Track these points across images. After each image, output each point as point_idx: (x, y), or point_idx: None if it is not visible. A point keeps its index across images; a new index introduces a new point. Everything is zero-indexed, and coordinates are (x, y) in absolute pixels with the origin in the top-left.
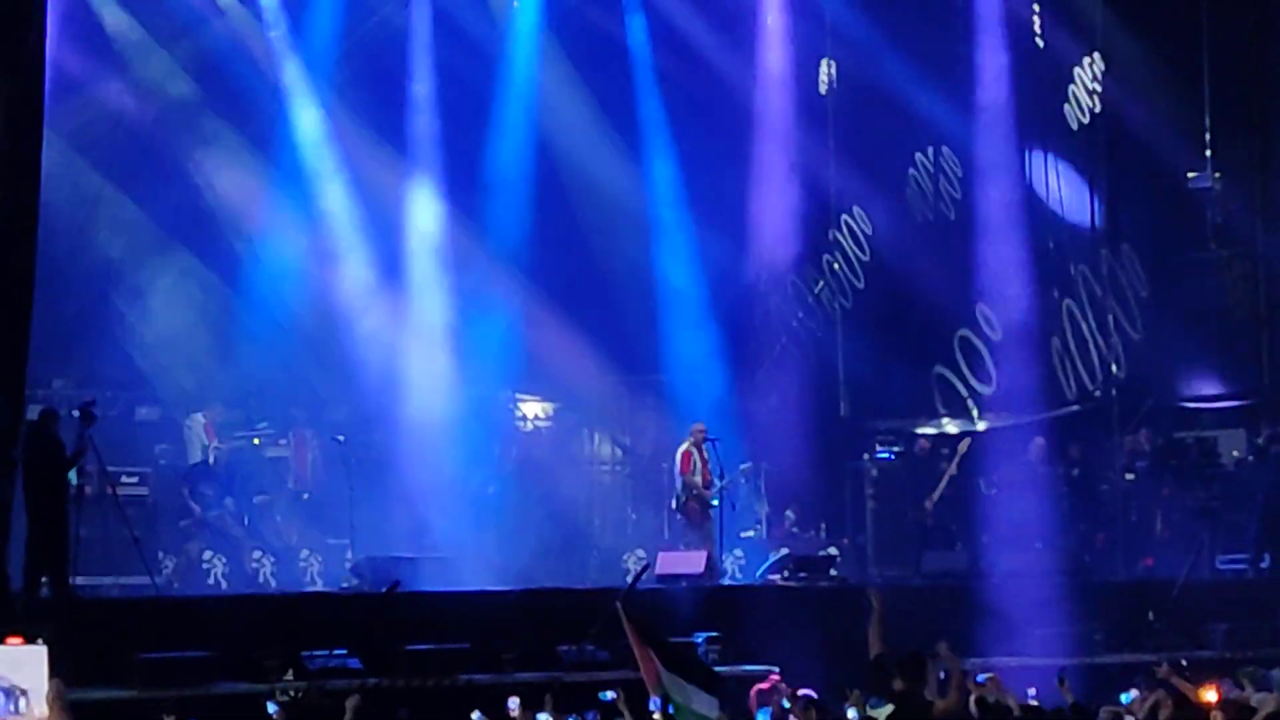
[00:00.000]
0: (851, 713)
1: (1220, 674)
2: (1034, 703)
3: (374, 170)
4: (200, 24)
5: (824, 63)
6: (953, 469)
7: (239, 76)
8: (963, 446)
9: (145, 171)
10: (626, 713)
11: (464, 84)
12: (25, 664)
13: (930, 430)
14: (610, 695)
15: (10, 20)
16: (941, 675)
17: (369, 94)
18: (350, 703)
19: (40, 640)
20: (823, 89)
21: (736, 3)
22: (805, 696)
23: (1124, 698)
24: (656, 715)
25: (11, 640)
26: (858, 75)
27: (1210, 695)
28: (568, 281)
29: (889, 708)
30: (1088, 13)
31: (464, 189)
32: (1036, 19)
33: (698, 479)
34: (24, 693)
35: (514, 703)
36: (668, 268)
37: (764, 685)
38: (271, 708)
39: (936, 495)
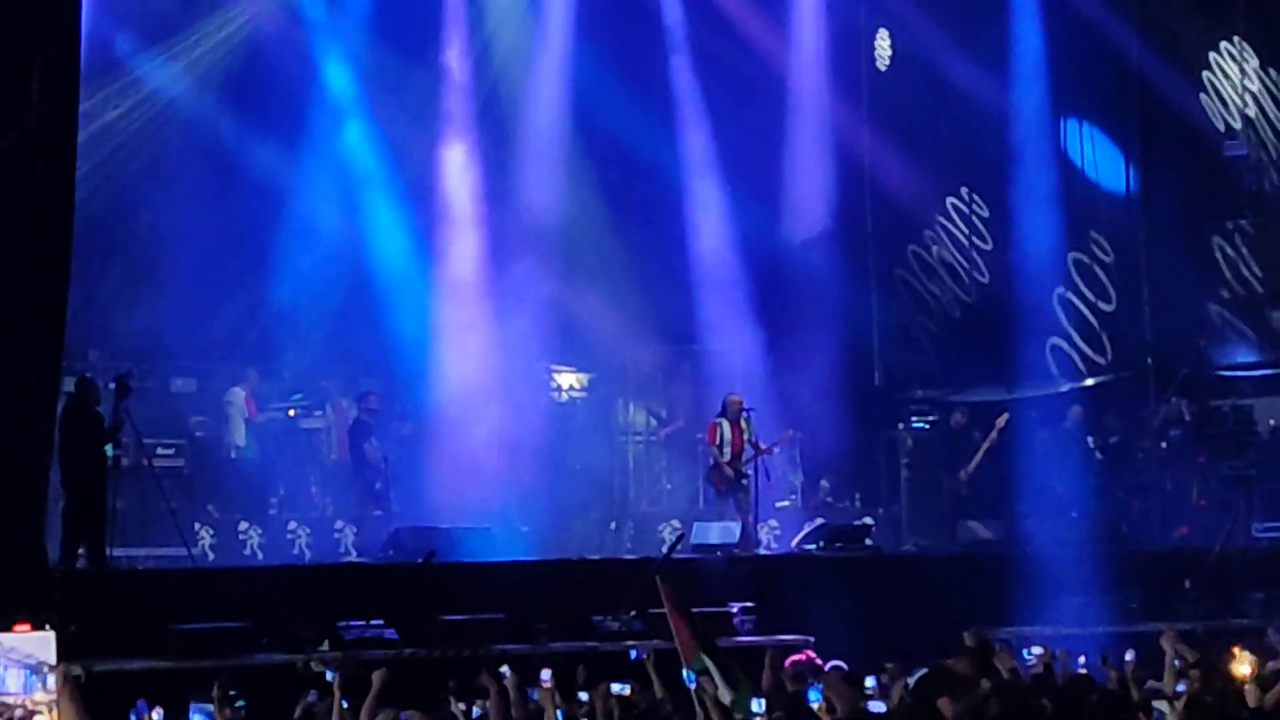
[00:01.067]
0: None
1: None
2: (1083, 671)
3: (408, 138)
4: None
5: (880, 34)
6: (990, 442)
7: (272, 42)
8: (1001, 421)
9: (178, 140)
10: (656, 678)
11: (497, 51)
12: (40, 646)
13: (970, 401)
14: (637, 653)
15: None
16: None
17: (402, 60)
18: (377, 676)
19: (48, 625)
20: (881, 64)
21: None
22: (835, 667)
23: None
24: (692, 687)
25: (19, 627)
26: (891, 41)
27: (1244, 669)
28: (602, 252)
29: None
30: None
31: (498, 157)
32: None
33: (725, 451)
34: (51, 668)
35: (546, 674)
36: (702, 238)
37: (799, 657)
38: (329, 674)
39: (972, 467)
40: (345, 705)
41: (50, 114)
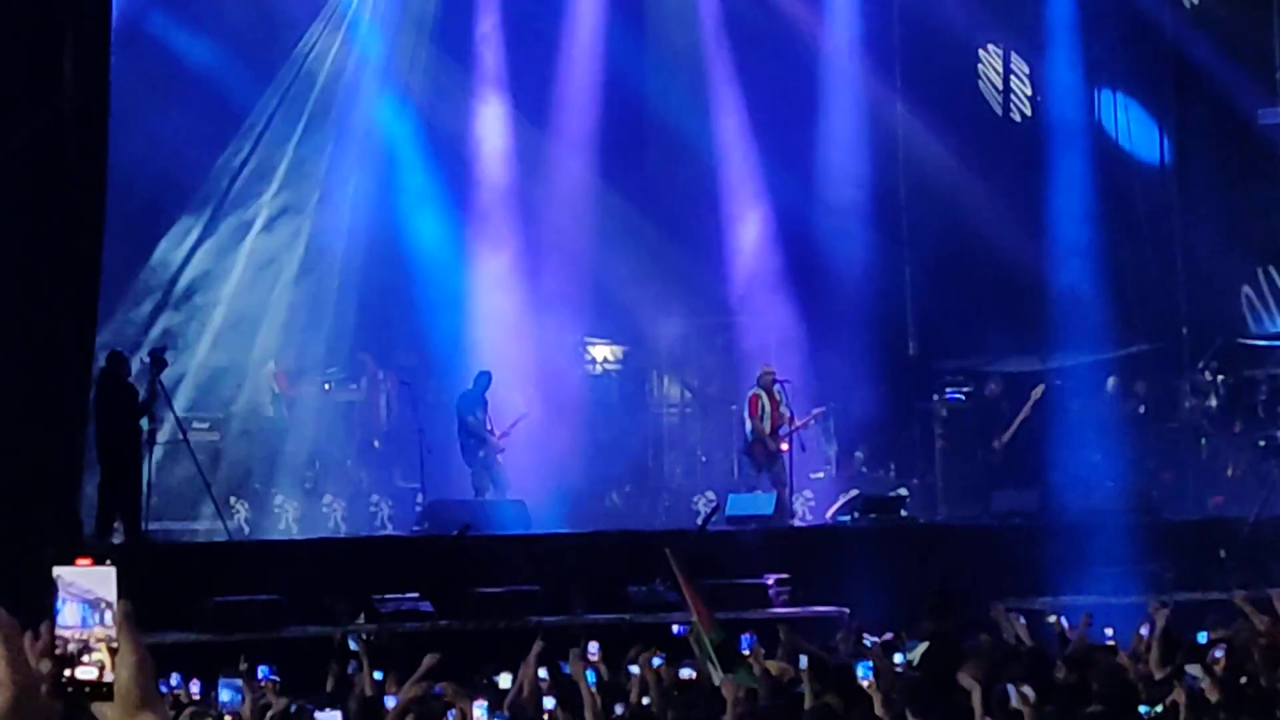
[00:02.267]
0: (897, 658)
1: None
2: (1111, 643)
3: (441, 110)
4: None
5: None
6: (1026, 412)
7: (297, 20)
8: (1036, 392)
9: (214, 112)
10: (699, 650)
11: (530, 26)
12: (101, 581)
13: (1004, 371)
14: (682, 628)
15: None
16: (1021, 620)
17: (435, 34)
18: (429, 659)
19: (109, 561)
20: None
21: None
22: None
23: (1200, 636)
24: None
25: (81, 561)
26: (926, 15)
27: None
28: (635, 224)
29: (923, 646)
30: None
31: (533, 130)
32: None
33: (765, 424)
34: (109, 605)
35: (594, 647)
36: (734, 209)
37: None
38: (352, 643)
39: (1007, 437)
40: (380, 677)
41: (82, 92)
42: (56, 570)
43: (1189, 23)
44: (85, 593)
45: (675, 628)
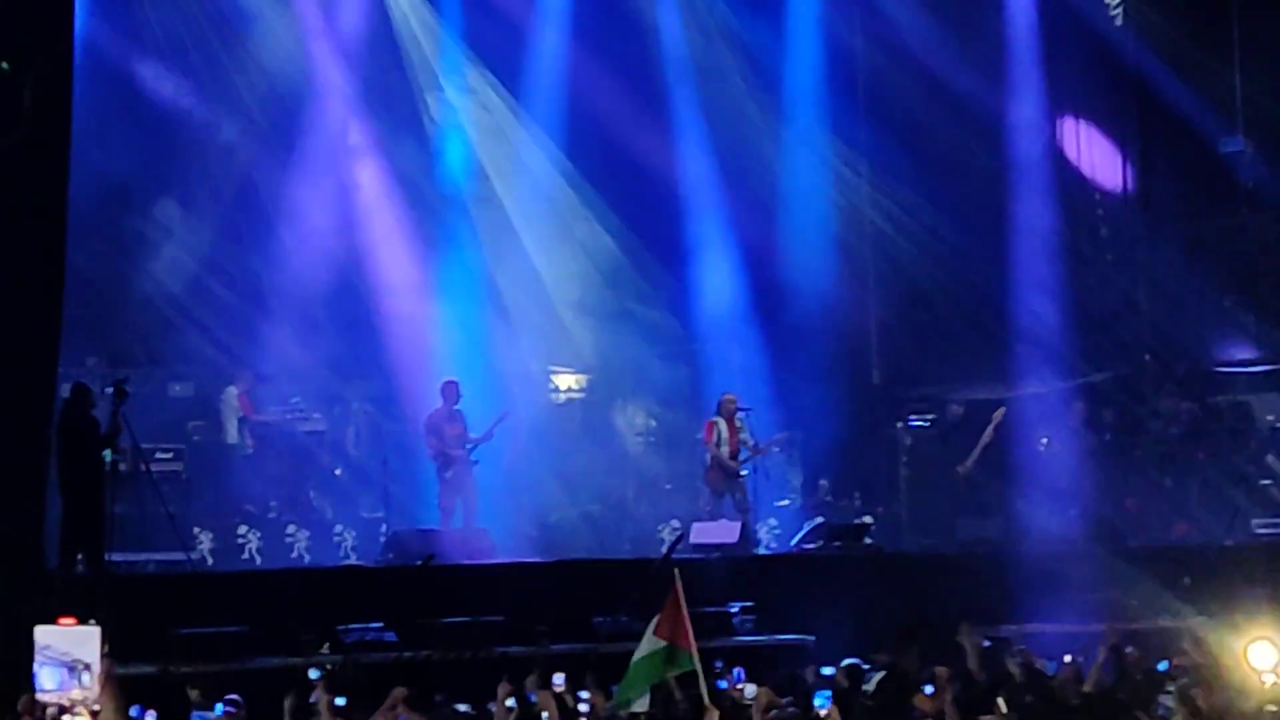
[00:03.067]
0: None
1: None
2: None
3: (403, 137)
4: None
5: None
6: (988, 436)
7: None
8: (998, 415)
9: (177, 145)
10: (674, 683)
11: (495, 54)
12: (82, 642)
13: (968, 399)
14: None
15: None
16: (986, 643)
17: (397, 65)
18: (399, 691)
19: (93, 621)
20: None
21: None
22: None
23: (1161, 665)
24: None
25: (65, 620)
26: (889, 43)
27: (1264, 660)
28: (600, 253)
29: (879, 675)
30: None
31: (497, 160)
32: None
33: (723, 450)
34: (86, 667)
35: (559, 679)
36: (701, 237)
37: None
38: (313, 673)
39: (970, 462)
40: (342, 704)
41: (44, 121)
42: (37, 631)
43: (1151, 52)
44: (63, 655)
45: None
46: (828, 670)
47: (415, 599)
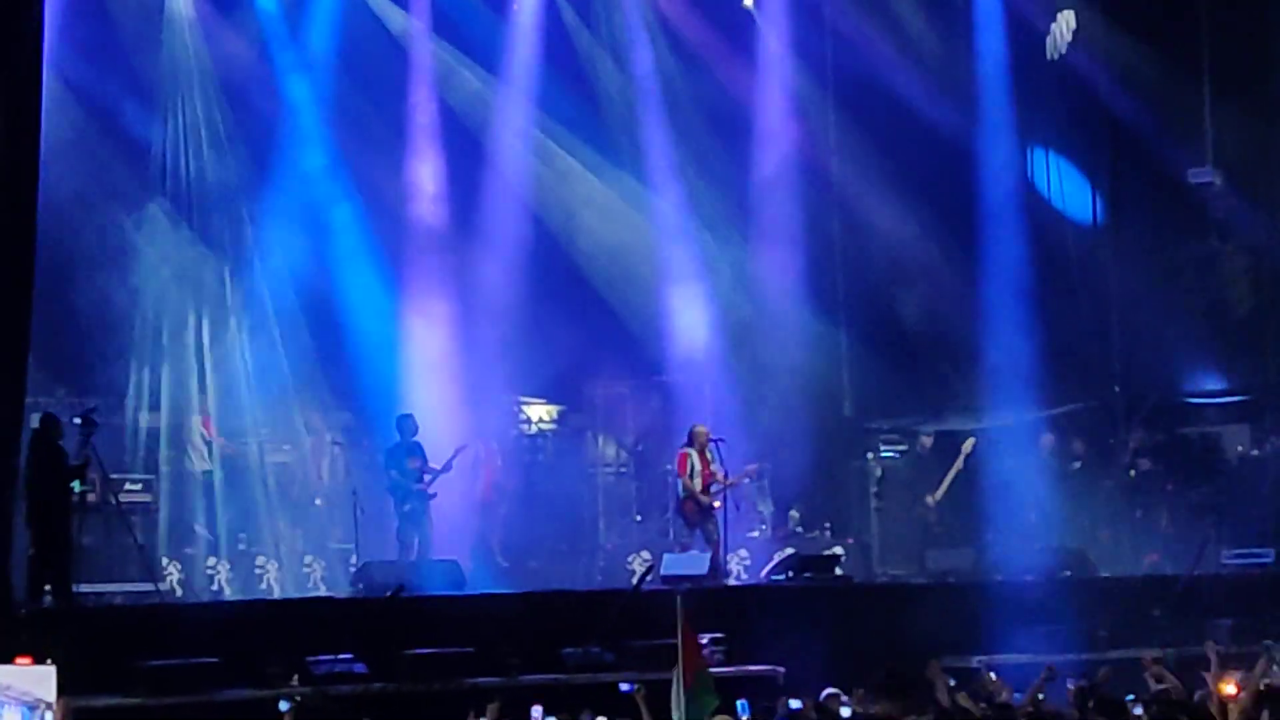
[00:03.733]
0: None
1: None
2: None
3: (374, 165)
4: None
5: (1062, 17)
6: (958, 466)
7: (244, 78)
8: (967, 446)
9: (146, 171)
10: (645, 710)
11: (466, 91)
12: (41, 681)
13: (938, 430)
14: (629, 687)
15: (7, 19)
16: (952, 682)
17: (367, 93)
18: None
19: (50, 660)
20: (1056, 50)
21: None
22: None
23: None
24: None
25: (21, 660)
26: (859, 73)
27: (1229, 689)
28: (571, 284)
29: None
30: (1086, 11)
31: (466, 187)
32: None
33: (695, 482)
34: (49, 706)
35: (537, 711)
36: (672, 269)
37: None
38: (283, 705)
39: (940, 493)
40: None
41: (10, 150)
42: None
43: (1121, 84)
44: (23, 695)
45: (623, 686)
46: (795, 704)
47: (385, 630)
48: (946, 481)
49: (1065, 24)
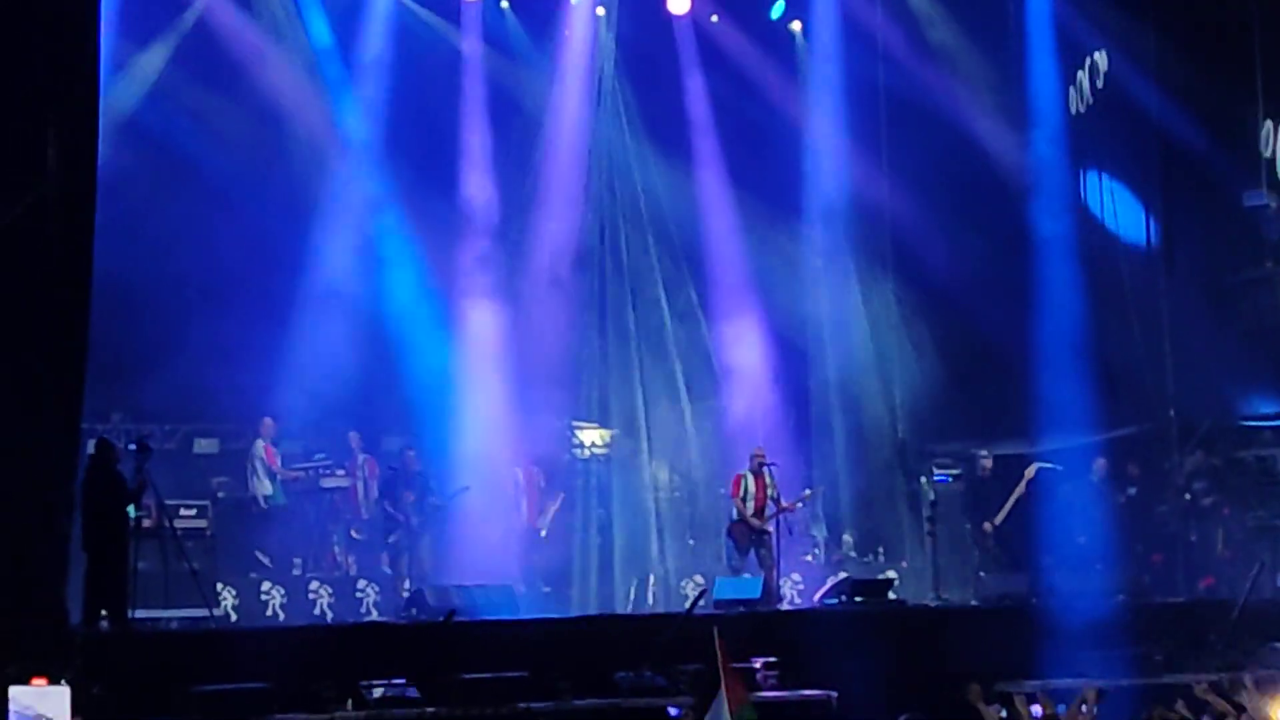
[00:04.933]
0: None
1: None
2: None
3: (426, 195)
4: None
5: (1090, 59)
6: (1020, 492)
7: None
8: (1030, 471)
9: (201, 201)
10: None
11: (515, 103)
12: (50, 700)
13: (992, 455)
14: (678, 711)
15: (64, 52)
16: (1003, 713)
17: (419, 113)
18: None
19: (64, 681)
20: (1079, 104)
21: (786, 28)
22: None
23: None
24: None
25: (37, 681)
26: (911, 98)
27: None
28: (622, 308)
29: None
30: (1139, 34)
31: (516, 211)
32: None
33: (748, 504)
34: None
35: None
36: (723, 294)
37: None
38: None
39: (1000, 519)
40: None
41: (68, 178)
42: (12, 690)
43: (1175, 105)
44: (27, 709)
45: (671, 710)
46: None
47: (438, 655)
48: (1007, 507)
49: (1093, 71)
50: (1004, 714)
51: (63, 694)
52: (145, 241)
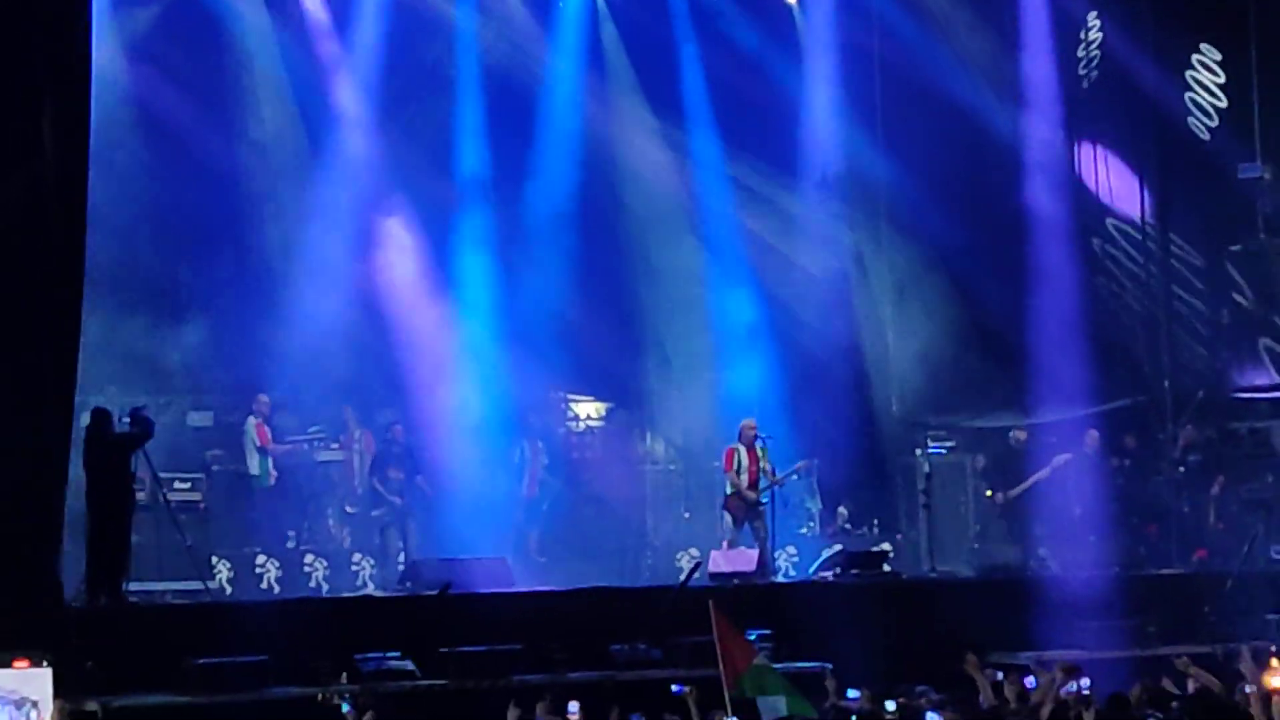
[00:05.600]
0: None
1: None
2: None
3: (421, 167)
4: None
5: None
6: (1043, 475)
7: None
8: (1059, 460)
9: (186, 170)
10: (695, 710)
11: (510, 70)
12: (33, 681)
13: (987, 427)
14: (680, 688)
15: (57, 32)
16: (999, 676)
17: (411, 82)
18: None
19: (46, 663)
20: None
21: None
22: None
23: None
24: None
25: (19, 663)
26: (905, 70)
27: (1278, 681)
28: (617, 280)
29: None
30: (1134, 4)
31: (512, 184)
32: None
33: (742, 478)
34: (35, 704)
35: (574, 707)
36: (718, 265)
37: None
38: (345, 707)
39: (1014, 494)
40: None
41: (62, 156)
42: None
43: (1168, 79)
44: (11, 693)
45: (675, 688)
46: (853, 693)
47: (433, 628)
48: (1025, 485)
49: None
50: (1000, 676)
51: (44, 675)
52: (136, 212)
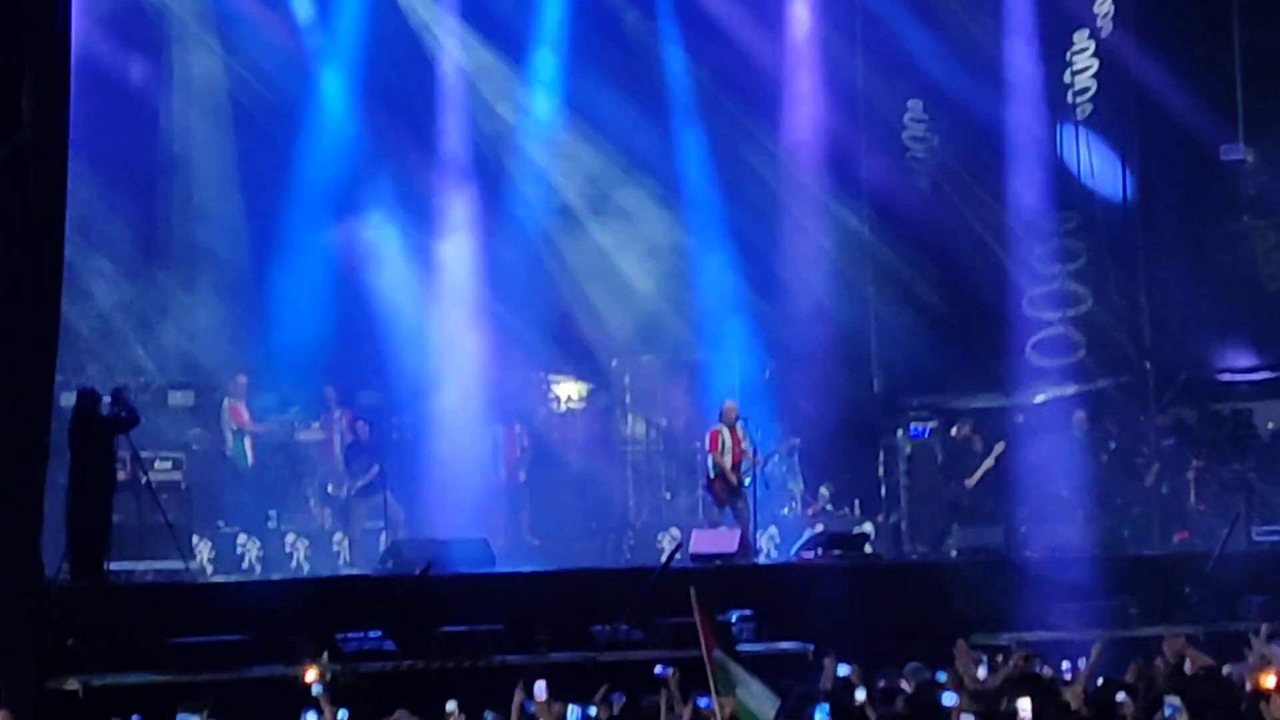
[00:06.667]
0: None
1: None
2: (1068, 677)
3: (406, 151)
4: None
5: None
6: (989, 464)
7: (269, 55)
8: (998, 448)
9: (172, 149)
10: (677, 692)
11: (491, 48)
12: None
13: (969, 408)
14: (663, 670)
15: (36, 10)
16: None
17: (396, 65)
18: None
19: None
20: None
21: None
22: None
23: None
24: (702, 704)
25: None
26: (885, 50)
27: (1269, 681)
28: (599, 261)
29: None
30: None
31: (494, 166)
32: None
33: (726, 459)
34: None
35: (540, 686)
36: (700, 247)
37: None
38: (316, 688)
39: (974, 480)
40: (346, 716)
41: (41, 129)
42: None
43: (1152, 58)
44: None
45: (658, 669)
46: (844, 670)
47: (414, 608)
48: (979, 473)
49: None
50: (984, 658)
51: None
52: (118, 191)
